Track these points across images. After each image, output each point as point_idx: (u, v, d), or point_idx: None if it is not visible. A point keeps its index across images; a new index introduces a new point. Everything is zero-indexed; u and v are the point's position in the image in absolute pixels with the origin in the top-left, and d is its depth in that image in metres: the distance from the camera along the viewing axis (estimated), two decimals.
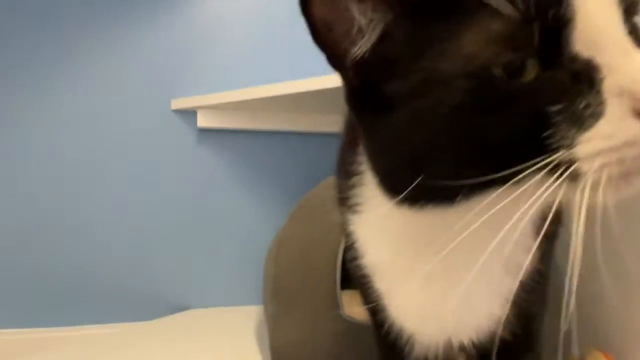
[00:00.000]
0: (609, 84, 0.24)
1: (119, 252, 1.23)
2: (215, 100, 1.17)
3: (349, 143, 0.39)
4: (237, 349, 0.90)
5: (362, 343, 0.70)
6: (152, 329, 1.08)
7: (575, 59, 0.25)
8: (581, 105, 0.25)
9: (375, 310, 0.41)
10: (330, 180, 0.45)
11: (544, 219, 0.29)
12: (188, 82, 1.28)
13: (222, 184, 1.27)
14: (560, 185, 0.26)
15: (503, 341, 0.35)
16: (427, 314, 0.36)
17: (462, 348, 0.37)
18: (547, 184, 0.25)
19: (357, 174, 0.36)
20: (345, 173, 0.38)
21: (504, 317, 0.34)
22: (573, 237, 0.27)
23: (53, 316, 1.19)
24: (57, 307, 1.19)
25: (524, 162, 0.25)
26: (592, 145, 0.25)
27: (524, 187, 0.26)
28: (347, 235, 0.38)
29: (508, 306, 0.34)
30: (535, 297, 0.35)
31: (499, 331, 0.34)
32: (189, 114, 1.26)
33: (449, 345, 0.37)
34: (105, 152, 1.22)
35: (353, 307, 0.71)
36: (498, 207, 0.26)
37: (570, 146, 0.25)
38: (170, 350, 0.89)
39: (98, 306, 1.21)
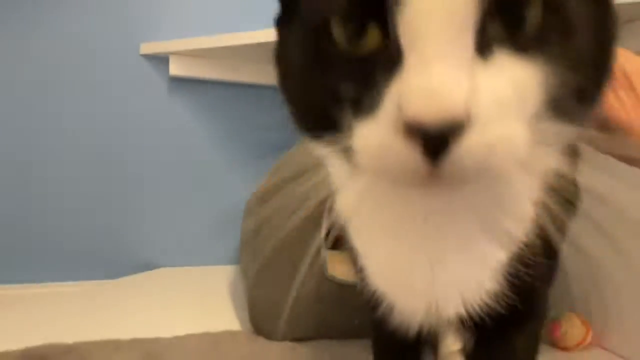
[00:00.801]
0: (395, 87, 0.21)
1: (86, 207, 1.16)
2: (190, 46, 1.08)
3: None
4: (208, 307, 0.88)
5: (347, 303, 0.69)
6: (120, 287, 1.04)
7: (396, 43, 0.21)
8: (372, 95, 0.22)
9: (360, 271, 0.38)
10: None
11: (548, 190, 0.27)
12: (160, 24, 1.18)
13: (196, 137, 1.20)
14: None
15: (499, 315, 0.32)
16: (402, 281, 0.34)
17: (449, 321, 0.34)
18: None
19: None
20: None
21: (497, 291, 0.31)
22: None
23: (19, 273, 1.12)
24: (22, 264, 1.13)
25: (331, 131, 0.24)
26: (356, 140, 0.23)
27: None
28: (330, 187, 0.34)
29: (501, 279, 0.31)
30: (538, 272, 0.31)
31: (494, 304, 0.32)
32: (161, 60, 1.16)
33: (433, 317, 0.34)
34: (71, 102, 1.13)
35: (338, 267, 0.69)
36: None
37: (349, 132, 0.23)
38: (138, 308, 0.86)
39: (65, 263, 1.15)
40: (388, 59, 0.21)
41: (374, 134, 0.22)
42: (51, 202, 1.14)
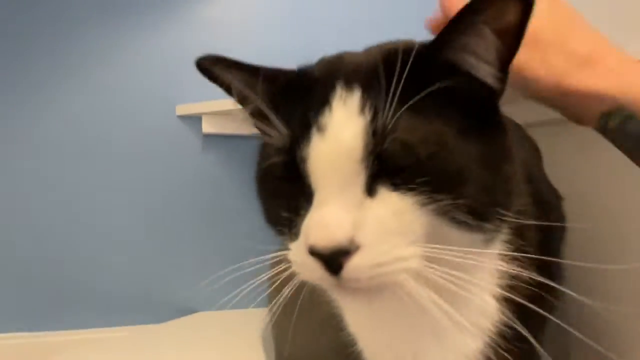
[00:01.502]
0: (305, 219, 0.29)
1: (127, 256, 1.24)
2: (219, 107, 1.18)
3: None
4: (244, 351, 0.91)
5: None
6: (161, 332, 1.10)
7: (309, 186, 0.29)
8: (298, 221, 0.30)
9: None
10: None
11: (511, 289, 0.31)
12: (193, 88, 1.29)
13: (228, 189, 1.29)
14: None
15: None
16: (382, 354, 0.38)
17: None
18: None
19: None
20: None
21: None
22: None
23: (65, 320, 1.21)
24: (69, 311, 1.21)
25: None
26: (290, 254, 0.31)
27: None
28: None
29: None
30: (517, 356, 0.34)
31: None
32: (194, 120, 1.27)
33: None
34: (111, 158, 1.24)
35: None
36: None
37: (288, 246, 0.31)
38: (179, 353, 0.91)
39: (108, 310, 1.23)
40: (307, 197, 0.29)
41: (298, 252, 0.29)
42: (98, 252, 1.23)
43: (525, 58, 0.35)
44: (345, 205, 0.27)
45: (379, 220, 0.27)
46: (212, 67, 0.38)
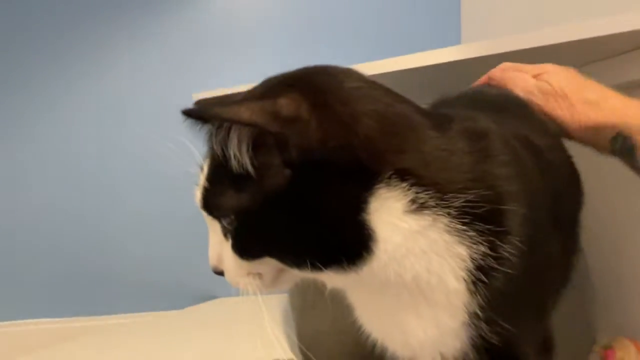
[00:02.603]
0: None
1: (147, 243, 1.27)
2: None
3: None
4: (264, 336, 0.92)
5: None
6: (182, 318, 1.12)
7: None
8: None
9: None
10: None
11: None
12: (210, 76, 1.30)
13: None
14: None
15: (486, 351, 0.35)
16: (385, 335, 0.38)
17: None
18: None
19: None
20: None
21: (463, 348, 0.34)
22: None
23: (88, 306, 1.24)
24: (91, 298, 1.24)
25: None
26: None
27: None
28: None
29: (464, 339, 0.34)
30: (500, 334, 0.33)
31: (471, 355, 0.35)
32: None
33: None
34: (129, 145, 1.26)
35: None
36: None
37: None
38: (199, 339, 0.92)
39: (130, 296, 1.26)
40: None
41: None
42: (120, 239, 1.26)
43: (558, 105, 0.52)
44: (213, 245, 0.37)
45: (228, 257, 0.35)
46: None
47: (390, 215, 0.29)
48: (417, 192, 0.29)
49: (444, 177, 0.30)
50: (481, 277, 0.31)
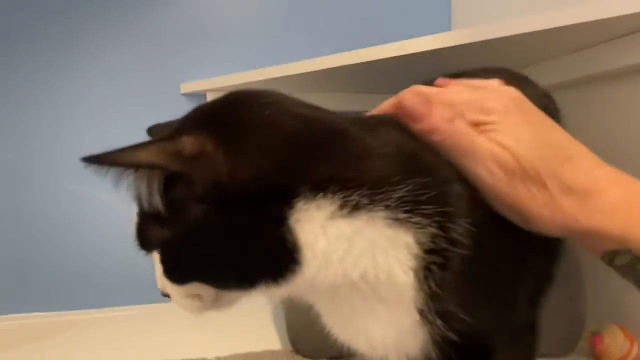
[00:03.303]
0: None
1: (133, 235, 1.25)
2: (224, 83, 1.16)
3: None
4: (254, 328, 0.92)
5: None
6: (165, 310, 1.10)
7: None
8: None
9: None
10: None
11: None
12: (197, 65, 1.28)
13: None
14: None
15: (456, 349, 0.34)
16: (346, 338, 0.38)
17: None
18: None
19: None
20: None
21: (421, 345, 0.33)
22: None
23: (72, 299, 1.22)
24: (76, 291, 1.23)
25: None
26: None
27: None
28: None
29: (421, 336, 0.33)
30: (458, 327, 0.32)
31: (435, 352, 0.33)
32: (199, 98, 1.25)
33: None
34: (115, 138, 1.23)
35: None
36: None
37: None
38: (183, 329, 0.91)
39: (115, 289, 1.24)
40: None
41: None
42: (105, 231, 1.24)
43: (529, 195, 0.32)
44: (158, 270, 0.35)
45: (167, 282, 0.35)
46: None
47: (314, 224, 0.30)
48: (344, 197, 0.29)
49: (375, 175, 0.30)
50: (433, 260, 0.30)
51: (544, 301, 0.43)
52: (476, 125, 0.34)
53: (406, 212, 0.30)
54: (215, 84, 1.19)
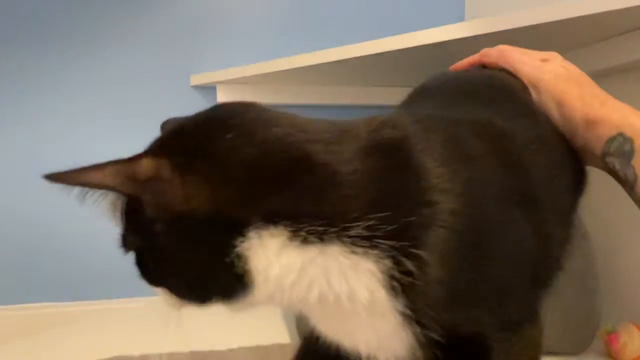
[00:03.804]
0: None
1: None
2: (235, 75, 1.16)
3: None
4: (260, 320, 0.92)
5: None
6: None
7: None
8: None
9: None
10: None
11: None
12: (207, 57, 1.27)
13: None
14: None
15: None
16: (335, 339, 0.38)
17: None
18: None
19: None
20: None
21: (409, 344, 0.33)
22: None
23: (87, 290, 1.23)
24: (91, 282, 1.24)
25: None
26: None
27: None
28: None
29: (407, 335, 0.33)
30: (442, 324, 0.32)
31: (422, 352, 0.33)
32: (209, 90, 1.25)
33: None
34: (124, 129, 1.24)
35: None
36: None
37: None
38: (193, 322, 0.91)
39: (129, 281, 1.25)
40: None
41: None
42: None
43: (569, 90, 0.49)
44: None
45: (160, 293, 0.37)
46: None
47: (266, 252, 0.30)
48: (296, 230, 0.30)
49: (331, 211, 0.30)
50: (395, 284, 0.30)
51: (550, 292, 0.42)
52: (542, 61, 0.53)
53: (362, 247, 0.30)
54: (225, 75, 1.18)
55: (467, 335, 0.33)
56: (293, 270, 0.31)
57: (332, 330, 0.37)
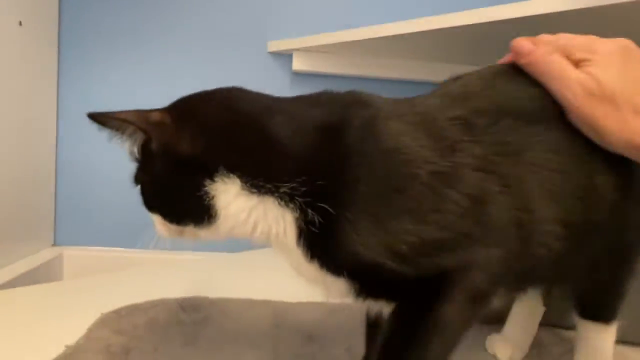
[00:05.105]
0: None
1: None
2: (311, 43, 1.17)
3: None
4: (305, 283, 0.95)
5: None
6: (233, 260, 1.17)
7: None
8: None
9: None
10: None
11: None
12: (285, 24, 1.29)
13: None
14: None
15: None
16: (295, 273, 0.46)
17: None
18: None
19: None
20: None
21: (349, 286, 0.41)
22: None
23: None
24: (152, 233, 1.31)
25: None
26: None
27: None
28: None
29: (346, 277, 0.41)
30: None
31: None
32: (285, 57, 1.27)
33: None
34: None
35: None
36: None
37: None
38: (263, 276, 0.95)
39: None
40: None
41: None
42: None
43: (604, 112, 0.42)
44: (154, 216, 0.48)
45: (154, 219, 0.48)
46: None
47: (227, 195, 0.41)
48: (243, 182, 0.41)
49: (268, 171, 0.41)
50: (303, 229, 0.40)
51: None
52: (578, 62, 0.44)
53: (285, 201, 0.40)
54: (302, 43, 1.20)
55: (384, 277, 0.39)
56: (244, 211, 0.41)
57: (290, 265, 0.45)
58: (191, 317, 0.72)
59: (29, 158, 1.15)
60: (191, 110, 0.45)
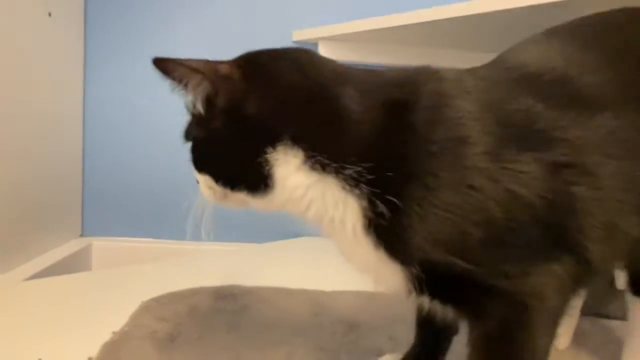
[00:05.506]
0: None
1: None
2: (337, 31, 1.16)
3: None
4: (340, 273, 0.94)
5: None
6: (265, 250, 1.17)
7: None
8: None
9: None
10: None
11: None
12: (310, 13, 1.28)
13: None
14: None
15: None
16: (346, 260, 0.43)
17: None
18: None
19: None
20: None
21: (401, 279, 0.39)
22: None
23: (176, 231, 1.31)
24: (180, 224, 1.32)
25: None
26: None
27: None
28: None
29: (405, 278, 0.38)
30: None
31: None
32: (311, 46, 1.26)
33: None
34: None
35: None
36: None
37: None
38: (299, 266, 0.96)
39: (217, 226, 1.32)
40: None
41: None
42: None
43: None
44: (197, 175, 0.46)
45: (203, 180, 0.45)
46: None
47: (287, 167, 0.39)
48: (306, 157, 0.38)
49: (336, 149, 0.38)
50: (370, 221, 0.38)
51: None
52: None
53: (350, 186, 0.37)
54: (327, 32, 1.18)
55: (451, 277, 0.37)
56: (301, 187, 0.39)
57: (342, 251, 0.43)
58: (230, 305, 0.72)
59: (57, 148, 1.16)
60: (262, 69, 0.42)
